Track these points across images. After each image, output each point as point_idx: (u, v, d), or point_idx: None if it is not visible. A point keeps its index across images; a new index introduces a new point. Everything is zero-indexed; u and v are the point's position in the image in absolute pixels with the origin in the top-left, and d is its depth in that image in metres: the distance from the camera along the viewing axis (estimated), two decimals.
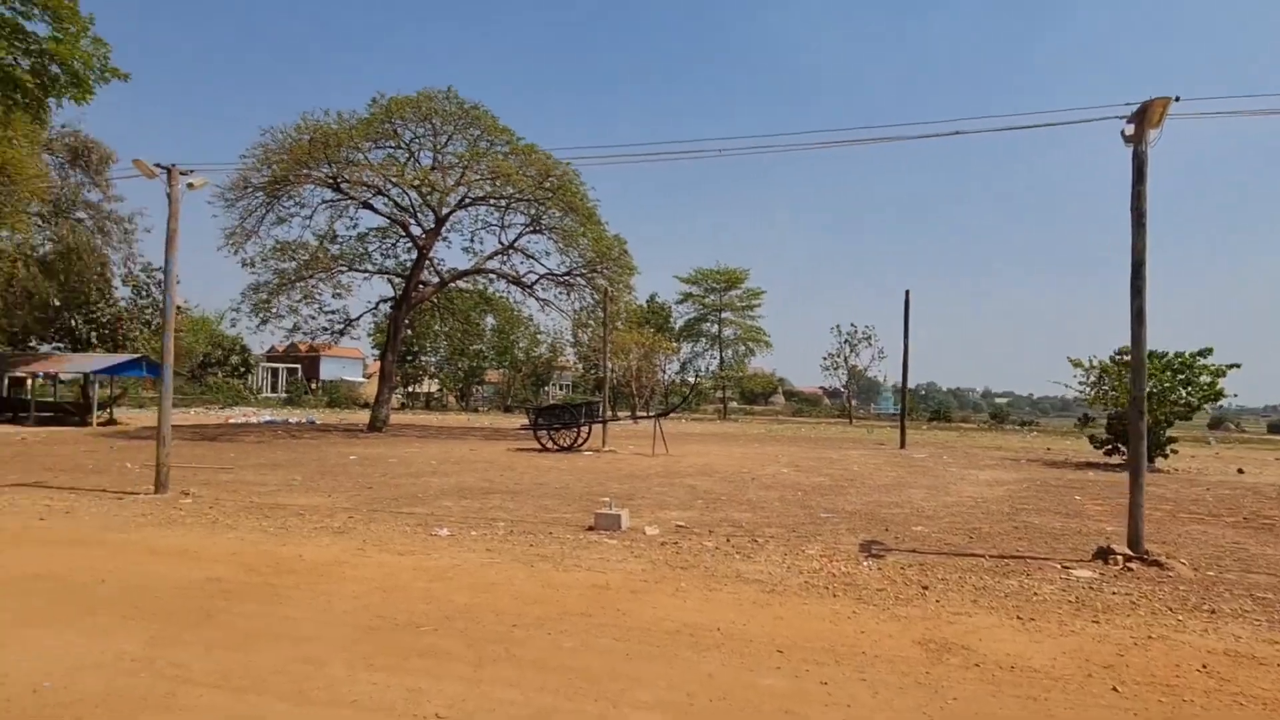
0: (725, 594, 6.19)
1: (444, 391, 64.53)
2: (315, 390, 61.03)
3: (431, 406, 61.48)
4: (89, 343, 37.27)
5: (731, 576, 6.79)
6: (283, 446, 20.98)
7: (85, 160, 30.39)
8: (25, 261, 28.76)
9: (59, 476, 13.18)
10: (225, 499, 11.00)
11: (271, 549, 7.64)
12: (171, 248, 12.59)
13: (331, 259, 28.36)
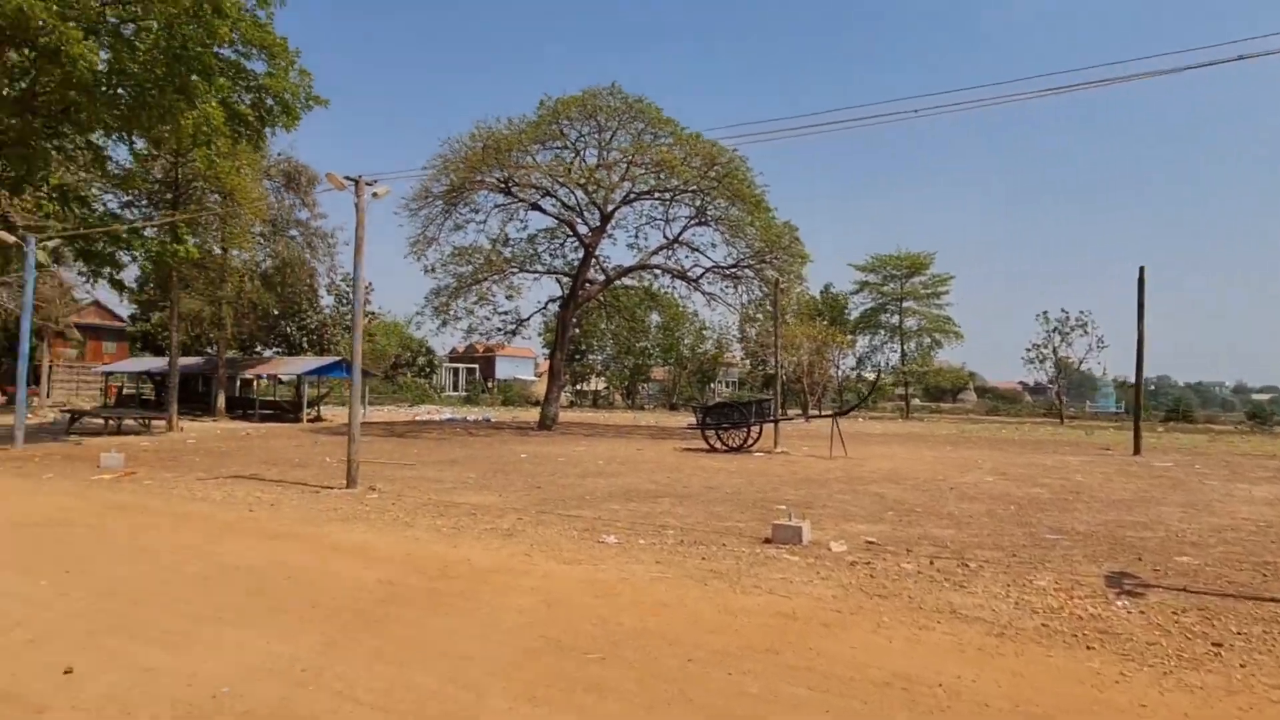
0: (939, 634, 5.16)
1: (610, 389, 65.98)
2: (491, 389, 64.68)
3: (598, 404, 63.06)
4: (301, 347, 41.72)
5: (944, 611, 5.72)
6: (460, 443, 21.95)
7: (297, 183, 33.91)
8: (251, 276, 32.56)
9: (270, 469, 14.39)
10: (406, 495, 11.35)
11: (442, 550, 7.56)
12: (359, 254, 13.26)
13: (504, 261, 29.55)
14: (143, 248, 20.21)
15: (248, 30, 19.60)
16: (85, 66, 16.30)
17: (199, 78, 18.19)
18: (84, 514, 9.21)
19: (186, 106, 18.18)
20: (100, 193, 22.18)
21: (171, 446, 18.78)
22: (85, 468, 13.74)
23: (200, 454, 17.05)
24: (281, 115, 21.44)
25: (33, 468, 13.69)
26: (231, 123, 20.79)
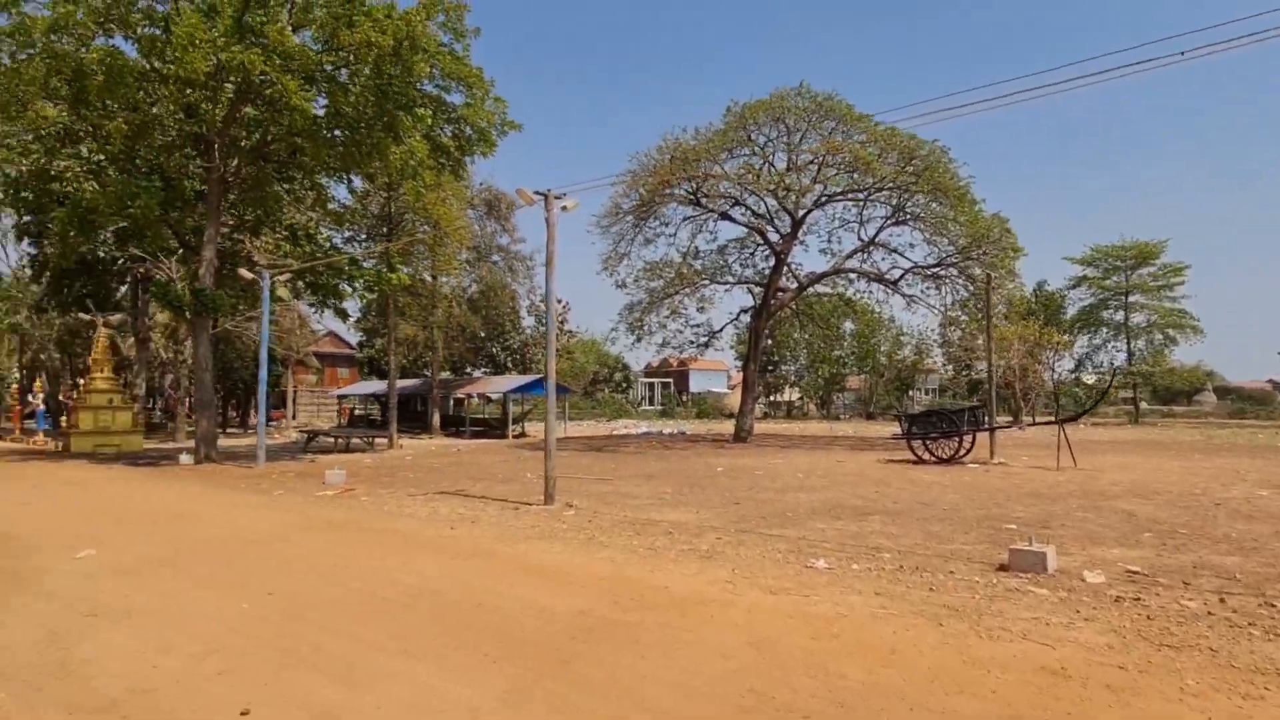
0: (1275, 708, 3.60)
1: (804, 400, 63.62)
2: (685, 402, 64.90)
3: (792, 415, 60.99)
4: (505, 366, 44.18)
5: (1267, 671, 4.13)
6: (656, 457, 21.61)
7: (497, 210, 36.05)
8: (458, 301, 35.02)
9: (475, 485, 14.77)
10: (603, 512, 10.94)
11: (638, 575, 6.89)
12: (550, 267, 13.24)
13: (695, 274, 29.16)
14: (361, 277, 22.15)
15: (446, 64, 20.81)
16: (304, 113, 18.04)
17: (404, 114, 19.56)
18: (299, 530, 9.68)
19: (394, 142, 19.62)
20: (325, 230, 24.72)
21: (390, 463, 20.18)
22: (312, 484, 14.91)
23: (414, 470, 18.08)
24: (479, 143, 22.60)
25: (268, 484, 15.09)
26: (435, 154, 22.26)
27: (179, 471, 17.67)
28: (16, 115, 18.32)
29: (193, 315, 20.01)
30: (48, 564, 7.66)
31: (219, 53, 15.82)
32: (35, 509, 11.53)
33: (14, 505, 12.03)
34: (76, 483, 15.21)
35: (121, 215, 18.33)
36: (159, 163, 19.71)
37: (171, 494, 13.44)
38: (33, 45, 17.21)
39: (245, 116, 19.80)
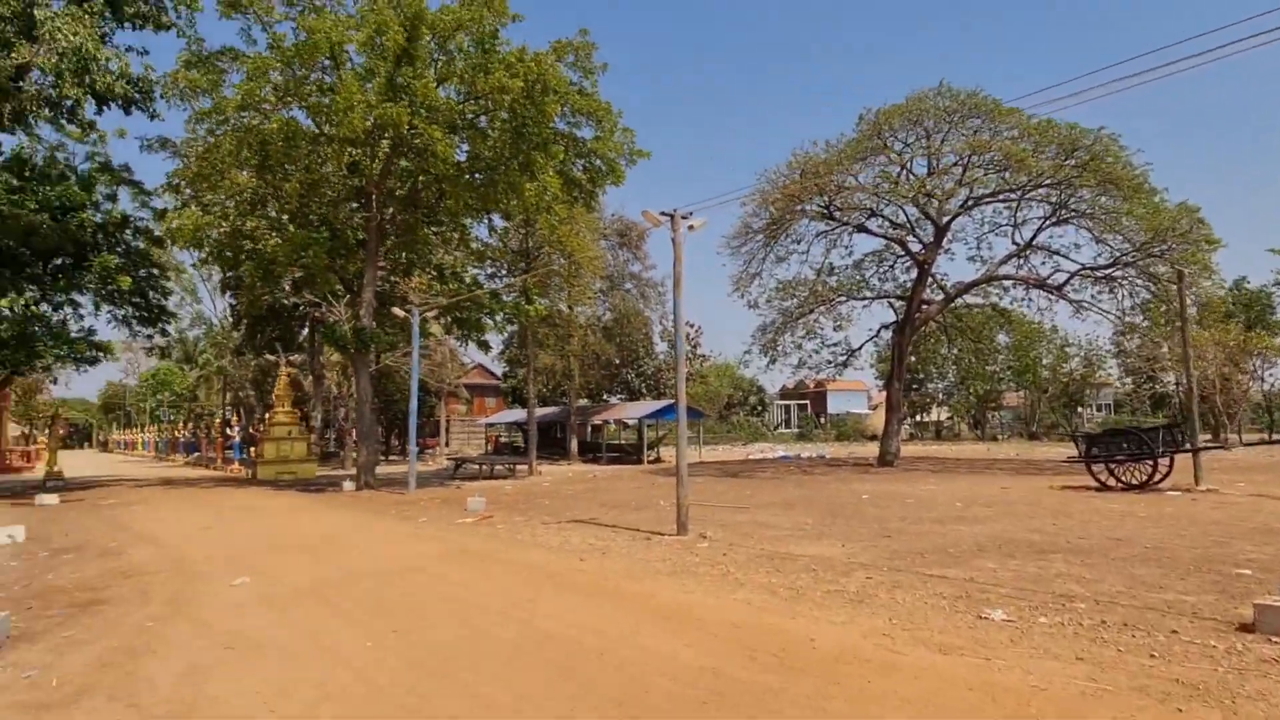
0: None
1: (954, 419, 59.33)
2: (823, 424, 62.45)
3: (942, 436, 57.01)
4: (640, 392, 44.34)
5: None
6: (794, 483, 20.54)
7: (628, 239, 36.43)
8: (593, 330, 35.57)
9: (608, 513, 14.49)
10: (738, 544, 10.25)
11: (777, 622, 6.17)
12: (678, 288, 12.83)
13: (830, 291, 27.88)
14: (501, 310, 22.88)
15: (576, 101, 21.28)
16: (448, 160, 18.91)
17: (537, 152, 20.10)
18: (434, 560, 9.70)
19: (528, 180, 20.18)
20: (470, 268, 25.84)
21: (528, 490, 20.43)
22: (454, 511, 15.22)
23: (550, 497, 18.14)
24: (609, 175, 22.84)
25: (415, 511, 15.57)
26: (567, 188, 22.72)
27: (340, 498, 18.74)
28: (215, 184, 20.59)
29: (354, 352, 21.41)
30: (207, 590, 8.04)
31: (373, 111, 16.94)
32: (213, 534, 12.42)
33: (198, 529, 13.05)
34: (253, 508, 16.43)
35: (296, 264, 20.06)
36: (327, 215, 21.41)
37: (329, 520, 14.13)
38: (226, 122, 19.36)
39: (398, 168, 21.12)
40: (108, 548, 11.05)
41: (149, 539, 11.91)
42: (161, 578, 8.82)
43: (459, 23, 18.80)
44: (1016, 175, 23.14)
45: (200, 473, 31.83)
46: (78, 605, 7.50)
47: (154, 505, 17.36)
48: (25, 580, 8.86)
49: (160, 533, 12.68)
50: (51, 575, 9.17)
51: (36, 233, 18.74)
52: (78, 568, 9.63)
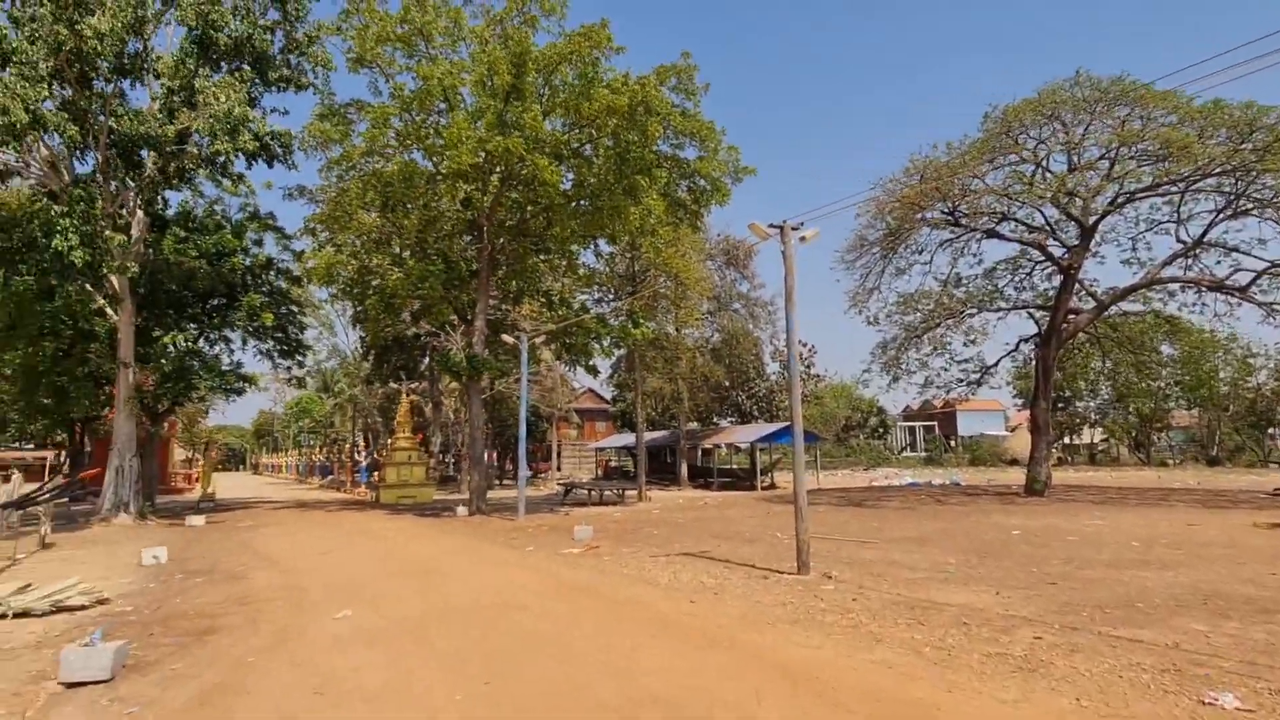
0: None
1: (1111, 442, 53.84)
2: (953, 448, 58.41)
3: (1097, 461, 51.83)
4: (751, 415, 42.95)
5: None
6: (929, 514, 18.79)
7: (735, 258, 35.50)
8: (701, 352, 34.75)
9: (720, 545, 13.57)
10: (869, 588, 9.10)
11: (929, 694, 5.10)
12: (790, 303, 11.87)
13: (958, 303, 25.74)
14: (608, 335, 22.57)
15: (678, 123, 20.79)
16: (554, 187, 18.84)
17: (641, 176, 19.73)
18: (536, 595, 9.15)
19: (632, 204, 19.84)
20: (577, 293, 25.79)
21: (637, 517, 19.77)
22: (561, 539, 14.75)
23: (660, 525, 17.39)
24: (714, 194, 22.17)
25: (522, 539, 15.23)
26: (671, 210, 22.24)
27: (453, 523, 18.80)
28: (344, 225, 21.66)
29: (466, 379, 21.68)
30: (311, 623, 7.85)
31: (483, 145, 17.19)
32: (330, 559, 12.50)
33: (318, 554, 13.22)
34: (371, 532, 16.66)
35: (414, 296, 20.66)
36: (442, 249, 21.98)
37: (439, 546, 14.04)
38: (354, 168, 20.38)
39: (508, 200, 21.43)
40: (234, 571, 11.31)
41: (272, 562, 12.17)
42: (273, 607, 8.77)
43: (563, 57, 18.86)
44: (1178, 165, 20.48)
45: (331, 495, 33.38)
46: (193, 634, 7.52)
47: (284, 528, 18.03)
48: (157, 603, 9.08)
49: (283, 556, 12.96)
50: (179, 599, 9.35)
51: (196, 277, 20.19)
52: (204, 591, 9.83)
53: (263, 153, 20.18)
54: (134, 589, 10.05)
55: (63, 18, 13.93)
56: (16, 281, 15.67)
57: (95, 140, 15.99)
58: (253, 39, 17.77)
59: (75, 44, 14.12)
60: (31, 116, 13.27)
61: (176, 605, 8.99)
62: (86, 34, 13.98)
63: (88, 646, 6.10)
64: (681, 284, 25.87)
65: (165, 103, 16.00)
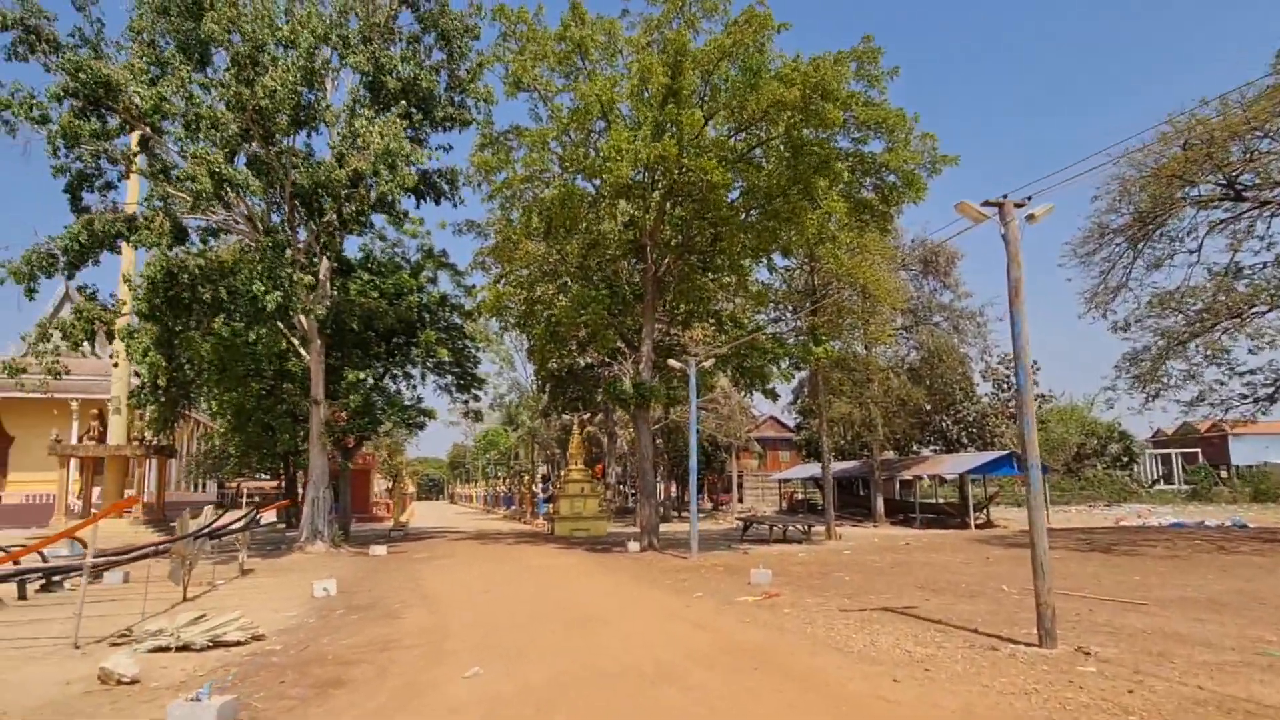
0: None
1: None
2: (1224, 480, 48.45)
3: None
4: (959, 443, 38.31)
5: None
6: (1211, 566, 14.70)
7: (935, 265, 31.92)
8: (896, 372, 31.38)
9: (930, 599, 11.13)
10: (1150, 673, 6.52)
11: None
12: (1016, 298, 9.38)
13: (1241, 299, 20.32)
14: (786, 355, 20.63)
15: (861, 113, 18.75)
16: (724, 187, 17.44)
17: (818, 175, 17.84)
18: (696, 661, 7.49)
19: (809, 208, 17.94)
20: (751, 314, 24.04)
21: (825, 559, 17.43)
22: (736, 584, 12.96)
23: (852, 570, 15.01)
24: (907, 190, 19.71)
25: (693, 580, 13.63)
26: (855, 212, 20.01)
27: (622, 560, 17.68)
28: (510, 256, 21.93)
29: (634, 408, 20.72)
30: (440, 679, 7.01)
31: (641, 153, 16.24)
32: (486, 599, 11.80)
33: (477, 592, 12.62)
34: (536, 569, 15.95)
35: (578, 323, 20.08)
36: (605, 272, 21.42)
37: (601, 587, 12.94)
38: (516, 197, 20.44)
39: (672, 217, 20.53)
40: (391, 608, 10.92)
41: (429, 600, 11.70)
42: (410, 656, 8.00)
43: (723, 51, 17.53)
44: None
45: (512, 526, 33.99)
46: (320, 685, 6.89)
47: (455, 560, 17.93)
48: (305, 643, 8.71)
49: (442, 593, 12.49)
50: (328, 639, 8.92)
51: (377, 316, 21.12)
52: (355, 630, 9.40)
53: (429, 190, 20.81)
54: (293, 623, 9.82)
55: (242, 78, 15.01)
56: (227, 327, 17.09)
57: (282, 192, 17.19)
58: (419, 80, 18.32)
59: (254, 101, 15.10)
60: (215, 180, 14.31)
61: (322, 646, 8.50)
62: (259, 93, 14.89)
63: (194, 702, 5.62)
64: (870, 296, 23.27)
65: (337, 149, 16.77)
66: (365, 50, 17.13)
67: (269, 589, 12.77)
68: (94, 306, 16.34)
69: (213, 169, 14.19)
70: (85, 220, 15.59)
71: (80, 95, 15.22)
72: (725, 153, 18.23)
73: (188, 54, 15.63)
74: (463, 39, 19.19)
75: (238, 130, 15.26)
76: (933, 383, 32.41)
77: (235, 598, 11.51)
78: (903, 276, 30.09)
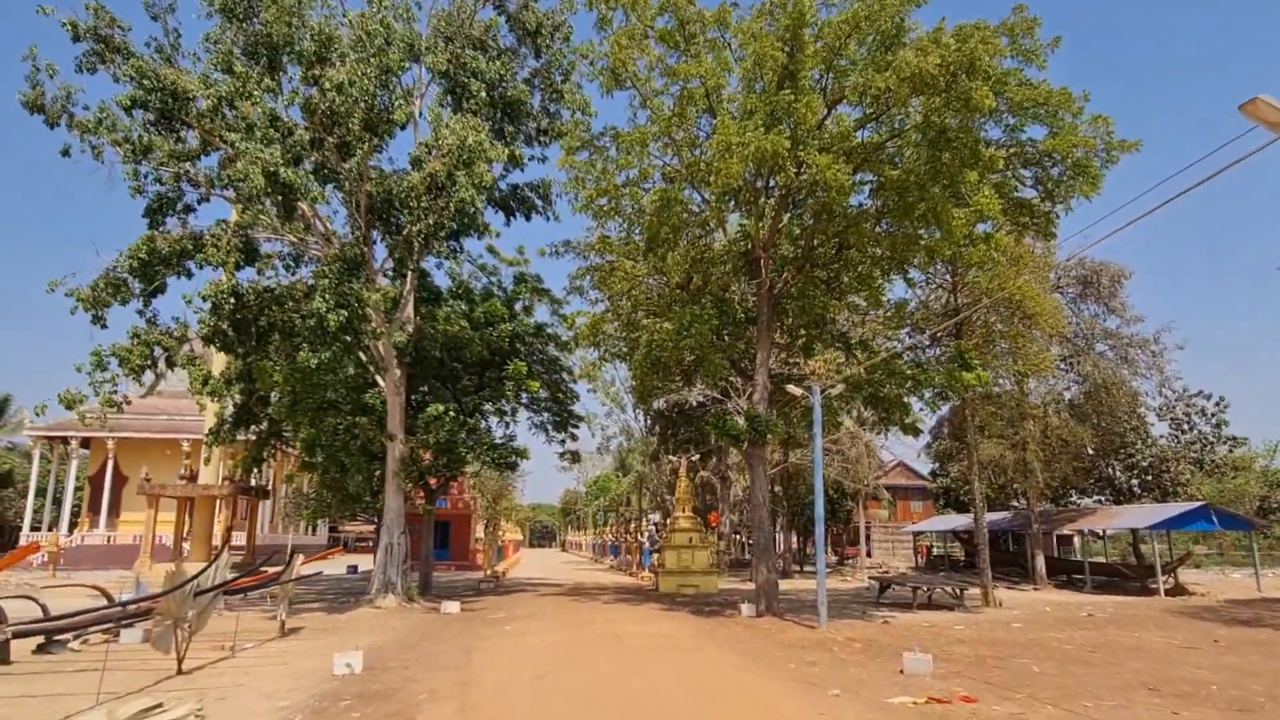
0: None
1: None
2: None
3: None
4: (1131, 492, 32.78)
5: None
6: None
7: (1096, 286, 27.47)
8: (1055, 408, 26.92)
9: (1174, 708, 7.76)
10: None
11: None
12: None
13: None
14: (929, 384, 17.29)
15: (1015, 93, 15.78)
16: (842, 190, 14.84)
17: (966, 167, 14.93)
18: None
19: (954, 205, 14.98)
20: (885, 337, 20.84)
21: (993, 636, 13.85)
22: (882, 674, 9.78)
23: (1037, 655, 11.51)
24: (1077, 182, 16.39)
25: (825, 666, 10.47)
26: (1012, 214, 16.81)
27: (732, 628, 14.68)
28: (607, 276, 20.06)
29: (747, 446, 17.99)
30: None
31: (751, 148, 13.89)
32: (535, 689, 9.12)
33: (529, 677, 9.74)
34: (620, 641, 13.05)
35: (681, 346, 17.61)
36: (712, 289, 19.08)
37: (698, 674, 9.92)
38: (615, 208, 18.26)
39: (790, 228, 18.04)
40: (412, 699, 8.20)
41: (466, 688, 8.90)
42: None
43: (853, 24, 15.00)
44: None
45: (614, 579, 31.35)
46: None
47: (530, 624, 15.07)
48: None
49: (489, 676, 9.66)
50: None
51: (465, 346, 19.57)
52: None
53: (519, 205, 19.20)
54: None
55: (309, 76, 13.93)
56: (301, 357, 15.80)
57: (356, 206, 15.94)
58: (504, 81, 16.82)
59: (324, 105, 13.90)
60: (270, 180, 13.03)
61: None
62: (326, 87, 13.63)
63: None
64: (1027, 316, 19.64)
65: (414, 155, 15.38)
66: (446, 50, 15.83)
67: (296, 658, 10.41)
68: (154, 331, 15.36)
69: (268, 168, 12.99)
70: (147, 238, 14.72)
71: (149, 106, 14.61)
72: (849, 141, 15.57)
73: (254, 58, 14.77)
74: (552, 38, 17.68)
75: (308, 137, 14.19)
76: (1099, 421, 27.61)
77: (241, 673, 9.31)
78: (1057, 300, 25.93)
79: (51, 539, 27.20)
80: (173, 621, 8.08)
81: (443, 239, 17.97)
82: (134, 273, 14.52)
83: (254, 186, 12.96)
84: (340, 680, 9.02)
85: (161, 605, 8.09)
